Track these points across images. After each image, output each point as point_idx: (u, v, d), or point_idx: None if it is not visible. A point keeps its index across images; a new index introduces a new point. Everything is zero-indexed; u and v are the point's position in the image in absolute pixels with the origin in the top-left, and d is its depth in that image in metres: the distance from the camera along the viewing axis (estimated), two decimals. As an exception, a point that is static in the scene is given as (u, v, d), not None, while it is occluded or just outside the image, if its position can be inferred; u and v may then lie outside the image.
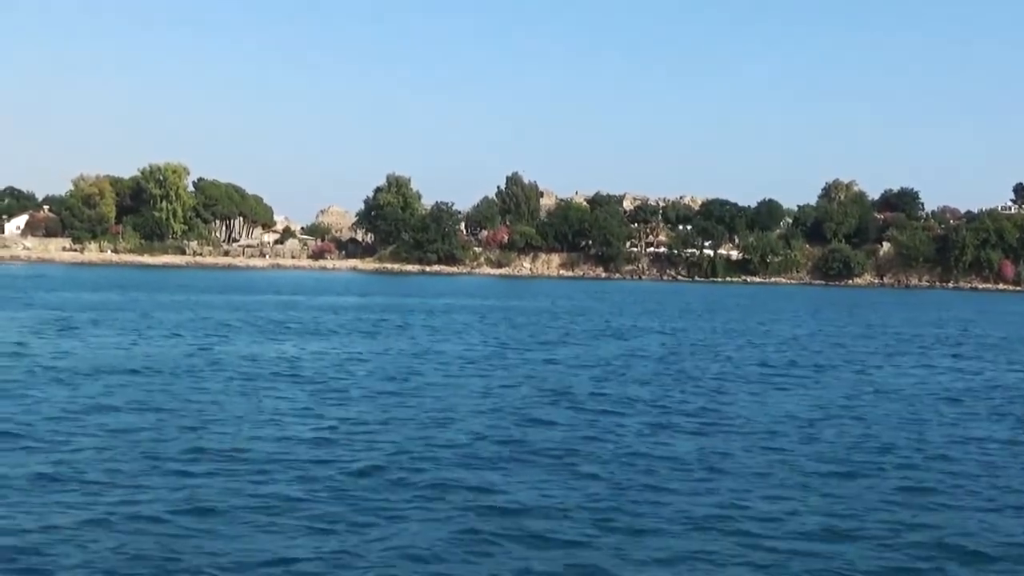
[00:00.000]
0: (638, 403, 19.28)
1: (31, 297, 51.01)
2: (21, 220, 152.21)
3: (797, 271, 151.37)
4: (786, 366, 28.09)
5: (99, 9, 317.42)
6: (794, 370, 26.98)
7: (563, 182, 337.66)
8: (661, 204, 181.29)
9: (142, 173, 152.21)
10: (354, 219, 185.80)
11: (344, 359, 26.20)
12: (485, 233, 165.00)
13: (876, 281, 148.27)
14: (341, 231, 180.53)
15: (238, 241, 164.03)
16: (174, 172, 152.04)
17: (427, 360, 26.43)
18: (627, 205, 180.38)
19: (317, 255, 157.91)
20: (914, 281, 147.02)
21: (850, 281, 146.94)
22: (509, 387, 21.24)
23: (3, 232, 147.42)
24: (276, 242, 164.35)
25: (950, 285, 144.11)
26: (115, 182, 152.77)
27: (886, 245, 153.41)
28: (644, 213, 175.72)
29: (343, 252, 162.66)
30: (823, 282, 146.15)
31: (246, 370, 22.85)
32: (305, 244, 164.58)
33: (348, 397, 19.07)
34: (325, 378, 21.81)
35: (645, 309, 60.62)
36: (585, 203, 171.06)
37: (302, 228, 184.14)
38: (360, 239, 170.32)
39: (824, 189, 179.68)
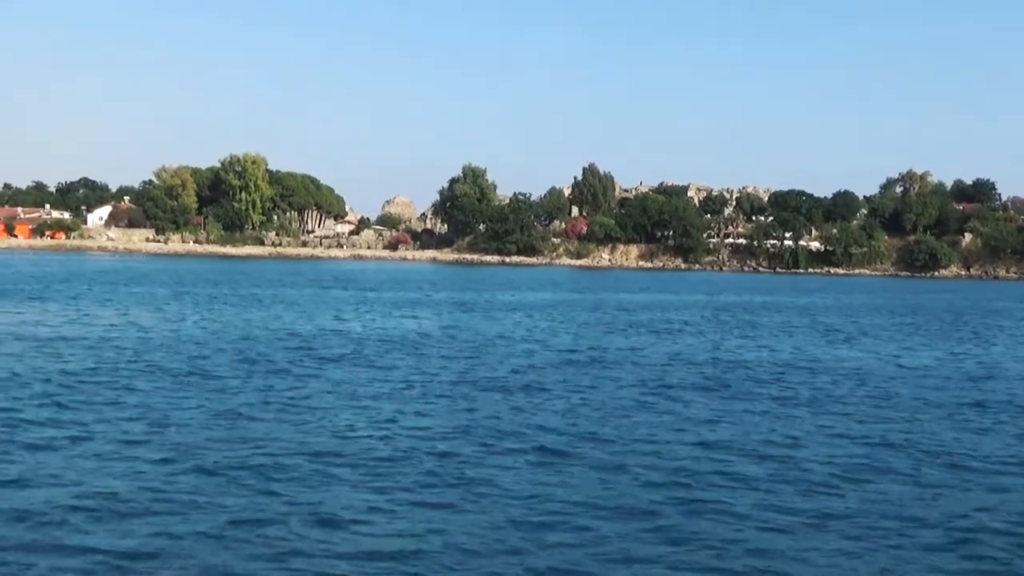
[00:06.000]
0: None
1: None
2: (104, 211, 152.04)
3: (881, 263, 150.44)
4: None
5: (169, 4, 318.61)
6: None
7: (622, 173, 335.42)
8: (727, 194, 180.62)
9: (221, 164, 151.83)
10: (421, 210, 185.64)
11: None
12: (555, 224, 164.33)
13: (963, 273, 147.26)
14: (410, 221, 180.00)
15: (313, 232, 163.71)
16: (253, 163, 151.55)
17: None
18: (691, 195, 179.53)
19: (393, 246, 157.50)
20: (1002, 272, 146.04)
21: (935, 273, 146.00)
22: None
23: (87, 223, 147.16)
24: (351, 233, 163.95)
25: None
26: (194, 173, 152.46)
27: (968, 236, 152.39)
28: (714, 204, 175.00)
29: (417, 243, 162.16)
30: (908, 274, 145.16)
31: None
32: (380, 235, 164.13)
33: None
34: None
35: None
36: (654, 194, 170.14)
37: (367, 219, 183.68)
38: (434, 229, 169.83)
39: (889, 180, 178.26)
